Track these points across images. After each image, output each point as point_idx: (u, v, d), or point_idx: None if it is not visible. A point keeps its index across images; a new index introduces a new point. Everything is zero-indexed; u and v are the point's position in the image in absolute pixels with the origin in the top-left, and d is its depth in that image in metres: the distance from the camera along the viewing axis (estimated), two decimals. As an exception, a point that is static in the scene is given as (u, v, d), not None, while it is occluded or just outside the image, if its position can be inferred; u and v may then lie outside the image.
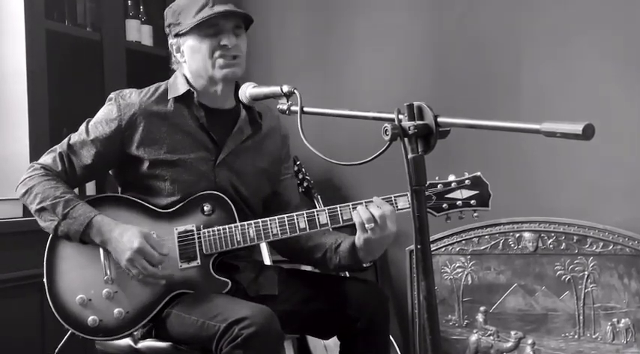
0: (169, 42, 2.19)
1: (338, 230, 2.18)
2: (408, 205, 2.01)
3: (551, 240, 2.90)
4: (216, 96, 2.16)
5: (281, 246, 2.31)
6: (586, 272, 2.84)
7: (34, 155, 2.80)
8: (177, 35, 2.13)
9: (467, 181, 2.04)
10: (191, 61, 2.13)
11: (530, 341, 2.94)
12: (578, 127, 1.05)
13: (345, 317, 2.13)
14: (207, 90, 2.15)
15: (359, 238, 2.01)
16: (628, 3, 2.89)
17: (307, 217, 2.06)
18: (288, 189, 2.35)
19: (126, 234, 1.98)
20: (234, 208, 2.10)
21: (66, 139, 2.16)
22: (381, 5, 3.47)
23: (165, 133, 2.12)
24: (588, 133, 1.04)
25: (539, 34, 3.07)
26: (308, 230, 2.07)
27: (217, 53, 2.08)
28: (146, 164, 2.11)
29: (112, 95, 2.16)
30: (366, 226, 1.95)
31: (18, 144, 2.89)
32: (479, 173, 2.05)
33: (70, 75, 3.33)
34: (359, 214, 1.98)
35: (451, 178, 2.05)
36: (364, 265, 2.11)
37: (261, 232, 2.06)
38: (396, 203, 2.02)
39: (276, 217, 2.07)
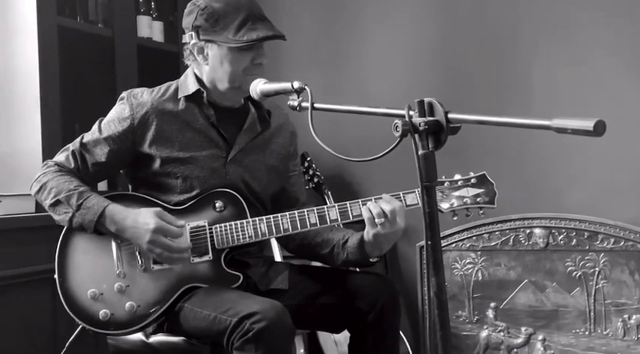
0: (191, 41, 2.12)
1: (348, 226, 2.19)
2: (416, 202, 2.04)
3: (561, 236, 2.89)
4: (228, 97, 2.17)
5: (289, 242, 2.34)
6: (597, 268, 2.83)
7: (47, 151, 2.82)
8: (207, 40, 2.09)
9: (473, 180, 2.06)
10: (217, 67, 2.10)
11: (540, 337, 2.94)
12: (589, 124, 1.05)
13: (356, 311, 2.14)
14: (221, 92, 2.15)
15: (368, 232, 2.03)
16: (640, -2, 2.88)
17: (318, 212, 2.08)
18: (296, 186, 2.36)
19: (139, 218, 2.00)
20: (245, 205, 2.12)
21: (79, 138, 2.18)
22: (391, 2, 3.47)
23: (176, 131, 2.13)
24: (599, 129, 1.04)
25: (550, 29, 3.06)
26: (318, 225, 2.08)
27: (253, 69, 2.08)
28: (158, 162, 2.12)
29: (123, 94, 2.17)
30: (377, 220, 1.97)
31: (30, 140, 2.91)
32: (484, 172, 2.07)
33: (82, 71, 3.35)
34: (369, 209, 1.99)
35: (457, 176, 2.08)
36: (371, 260, 2.12)
37: (273, 227, 2.08)
38: (404, 200, 2.04)
39: (287, 213, 2.09)
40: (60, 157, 2.18)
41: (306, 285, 2.24)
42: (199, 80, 2.17)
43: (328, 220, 2.07)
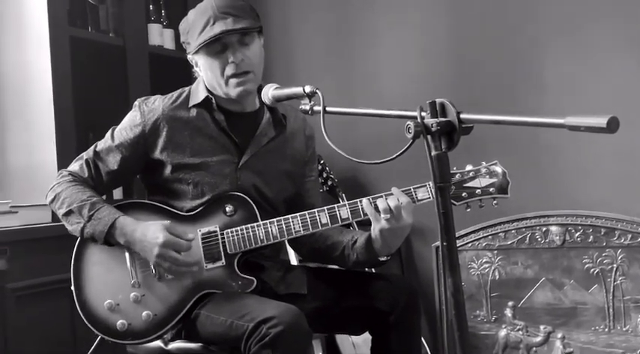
0: (188, 57, 2.21)
1: (362, 224, 2.18)
2: (427, 196, 2.02)
3: (578, 233, 2.88)
4: (236, 103, 2.17)
5: (300, 247, 2.34)
6: (615, 265, 2.81)
7: (61, 161, 2.84)
8: (190, 52, 2.16)
9: (484, 170, 2.03)
10: (205, 76, 2.15)
11: (559, 335, 2.92)
12: (602, 121, 1.04)
13: (377, 313, 2.14)
14: (227, 98, 2.16)
15: (374, 229, 2.02)
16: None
17: (329, 212, 2.07)
18: (311, 191, 2.35)
19: (149, 231, 2.00)
20: (255, 208, 2.12)
21: (92, 147, 2.20)
22: (401, 2, 3.47)
23: (187, 137, 2.14)
24: (613, 126, 1.04)
25: (562, 26, 3.04)
26: (330, 225, 2.07)
27: (228, 70, 2.07)
28: (169, 168, 2.13)
29: (136, 102, 2.19)
30: (382, 215, 1.96)
31: (45, 151, 2.93)
32: (496, 161, 2.04)
33: (95, 80, 3.37)
34: (375, 204, 1.99)
35: (469, 167, 2.05)
36: (380, 259, 2.10)
37: (284, 229, 2.07)
38: (415, 194, 2.03)
39: (297, 214, 2.08)
40: (74, 166, 2.20)
41: (324, 289, 2.23)
42: (208, 88, 2.18)
43: (339, 219, 2.06)
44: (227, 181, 2.15)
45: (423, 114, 1.31)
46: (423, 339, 3.09)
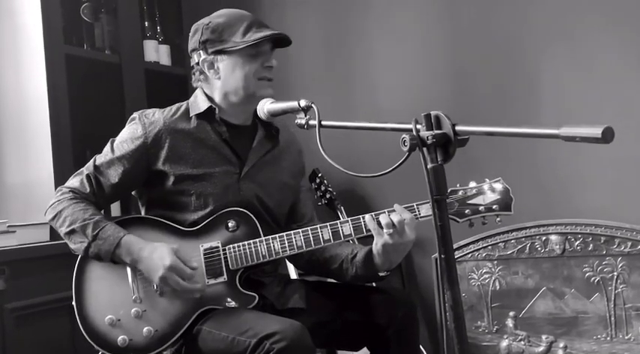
0: (200, 58, 2.16)
1: (363, 241, 2.18)
2: (430, 213, 2.02)
3: (578, 242, 2.87)
4: (239, 113, 2.19)
5: (297, 259, 2.33)
6: (615, 273, 2.81)
7: (59, 179, 2.84)
8: (215, 52, 2.13)
9: (487, 187, 2.04)
10: (230, 78, 2.14)
11: (561, 345, 2.91)
12: (597, 131, 1.04)
13: (375, 327, 2.13)
14: (233, 107, 2.18)
15: (376, 243, 2.02)
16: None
17: (331, 228, 2.07)
18: (302, 202, 2.37)
19: (156, 252, 2.00)
20: (258, 224, 2.12)
21: (91, 161, 2.19)
22: (396, 14, 3.47)
23: (190, 148, 2.14)
24: (608, 136, 1.04)
25: (557, 35, 3.05)
26: (332, 241, 2.08)
27: (262, 74, 2.12)
28: (171, 180, 2.13)
29: (135, 115, 2.19)
30: (385, 230, 1.96)
31: (42, 168, 2.93)
32: (500, 178, 2.05)
33: (91, 98, 3.37)
34: (377, 219, 1.99)
35: (472, 184, 2.05)
36: (380, 274, 2.10)
37: (286, 245, 2.08)
38: (418, 211, 2.03)
39: (300, 230, 2.09)
40: (74, 181, 2.18)
41: (323, 303, 2.23)
42: (210, 99, 2.19)
43: (342, 235, 2.07)
44: (229, 191, 2.15)
45: (419, 127, 1.31)
46: (424, 350, 3.08)
